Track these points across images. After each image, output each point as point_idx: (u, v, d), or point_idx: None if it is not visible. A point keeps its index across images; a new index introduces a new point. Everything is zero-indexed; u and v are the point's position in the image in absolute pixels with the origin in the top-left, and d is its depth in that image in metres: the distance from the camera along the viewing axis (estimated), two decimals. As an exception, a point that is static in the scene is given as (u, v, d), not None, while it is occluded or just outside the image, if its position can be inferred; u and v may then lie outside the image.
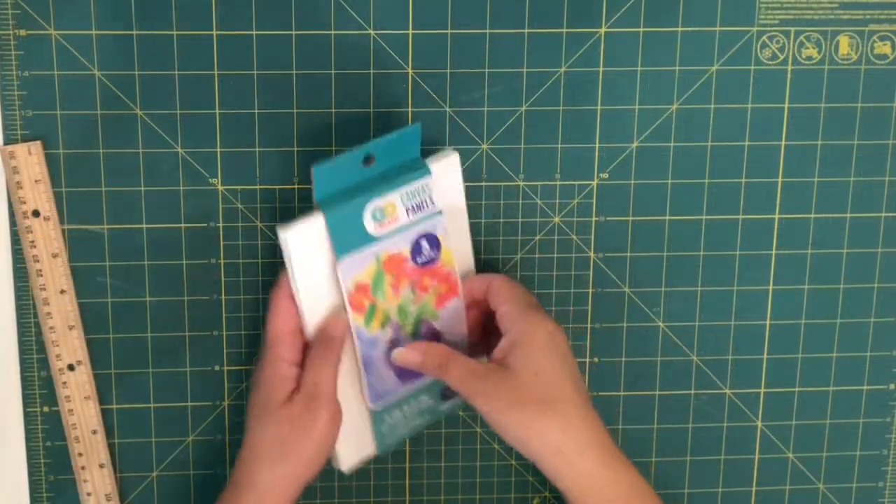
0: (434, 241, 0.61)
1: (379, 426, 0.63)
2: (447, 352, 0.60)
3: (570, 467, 0.57)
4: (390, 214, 0.60)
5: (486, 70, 0.64)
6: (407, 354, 0.60)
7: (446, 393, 0.64)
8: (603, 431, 0.58)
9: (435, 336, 0.63)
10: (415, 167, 0.60)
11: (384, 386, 0.62)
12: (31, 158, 0.63)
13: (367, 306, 0.60)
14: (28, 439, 0.66)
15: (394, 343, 0.61)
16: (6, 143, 0.63)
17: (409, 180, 0.60)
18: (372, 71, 0.64)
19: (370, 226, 0.59)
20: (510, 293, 0.61)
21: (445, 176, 0.61)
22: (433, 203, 0.61)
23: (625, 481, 0.58)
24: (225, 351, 0.67)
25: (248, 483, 0.58)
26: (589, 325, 0.68)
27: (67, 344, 0.65)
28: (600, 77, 0.65)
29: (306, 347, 0.60)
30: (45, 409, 0.66)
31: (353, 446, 0.63)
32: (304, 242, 0.58)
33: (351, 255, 0.59)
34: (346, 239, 0.59)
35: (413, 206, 0.60)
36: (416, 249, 0.61)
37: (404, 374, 0.62)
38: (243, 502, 0.58)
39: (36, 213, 0.63)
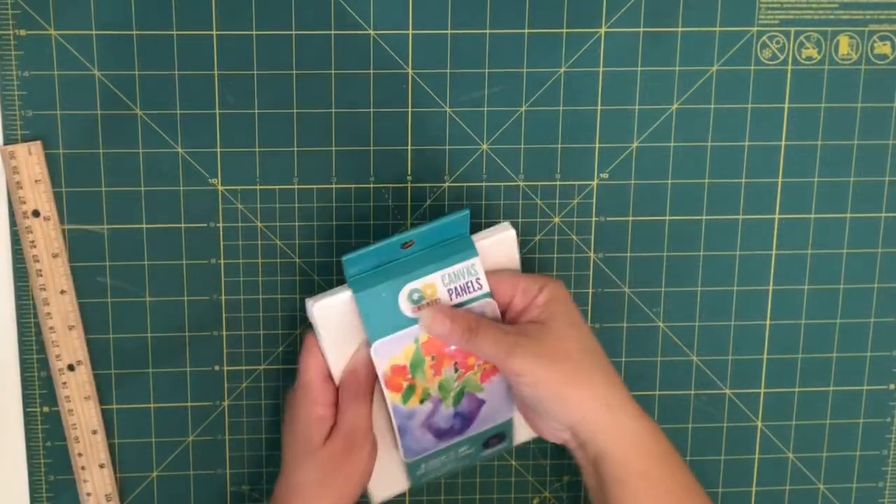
0: None
1: (414, 472, 0.63)
2: (475, 317, 0.58)
3: (615, 422, 0.57)
4: (430, 297, 0.58)
5: (486, 70, 0.64)
6: (433, 323, 0.58)
7: (490, 442, 0.64)
8: (628, 393, 0.59)
9: (478, 405, 0.61)
10: (461, 246, 0.58)
11: (420, 445, 0.62)
12: (31, 158, 0.63)
13: (405, 386, 0.59)
14: (28, 439, 0.66)
15: (434, 413, 0.61)
16: (6, 143, 0.63)
17: (452, 261, 0.58)
18: (372, 71, 0.64)
19: (406, 308, 0.58)
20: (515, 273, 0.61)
21: (498, 252, 0.59)
22: (480, 285, 0.58)
23: (663, 440, 0.58)
24: (225, 351, 0.67)
25: None
26: (589, 325, 0.68)
27: (67, 344, 0.65)
28: (600, 77, 0.65)
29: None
30: (45, 409, 0.66)
31: (385, 484, 0.63)
32: (334, 316, 0.58)
33: (387, 338, 0.58)
34: (381, 321, 0.58)
35: (457, 289, 0.58)
36: None
37: (442, 434, 0.61)
38: None
39: (36, 213, 0.63)
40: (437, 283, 0.58)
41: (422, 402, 0.60)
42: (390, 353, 0.58)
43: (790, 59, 0.66)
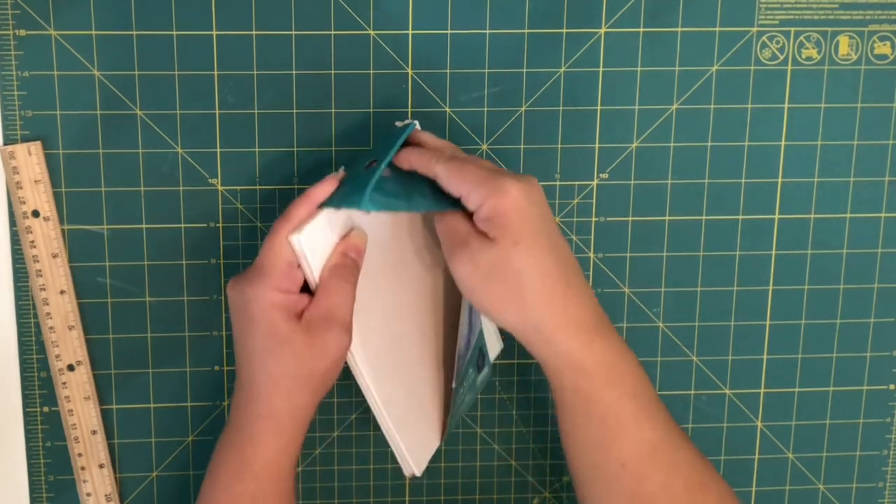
0: None
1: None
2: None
3: (545, 341, 0.54)
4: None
5: (486, 70, 0.64)
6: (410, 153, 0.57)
7: (479, 363, 0.64)
8: (588, 310, 0.54)
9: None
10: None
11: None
12: (30, 158, 0.63)
13: None
14: (28, 439, 0.66)
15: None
16: (6, 143, 0.63)
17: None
18: (372, 71, 0.64)
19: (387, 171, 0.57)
20: (462, 171, 0.55)
21: None
22: None
23: (601, 356, 0.54)
24: (225, 351, 0.67)
25: (262, 412, 0.56)
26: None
27: (67, 344, 0.65)
28: (600, 77, 0.65)
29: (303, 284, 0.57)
30: (45, 409, 0.66)
31: (423, 448, 0.63)
32: (320, 239, 0.56)
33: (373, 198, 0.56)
34: (394, 196, 0.56)
35: None
36: None
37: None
38: (261, 431, 0.56)
39: (36, 214, 0.63)
40: None
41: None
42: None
43: (790, 59, 0.66)
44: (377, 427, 0.68)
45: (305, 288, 0.57)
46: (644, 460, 0.54)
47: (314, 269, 0.56)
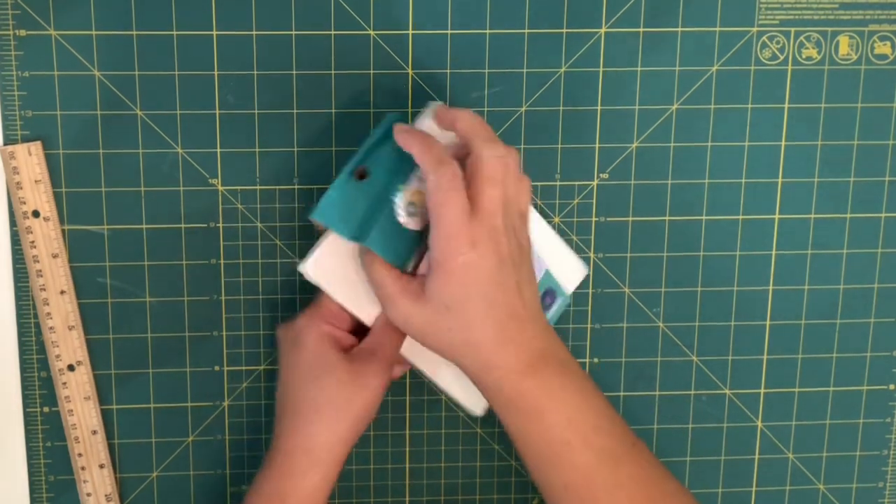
0: None
1: None
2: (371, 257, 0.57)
3: (477, 380, 0.56)
4: (421, 201, 0.57)
5: (486, 70, 0.64)
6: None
7: (546, 301, 0.64)
8: (523, 350, 0.55)
9: None
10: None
11: None
12: (31, 159, 0.63)
13: None
14: (28, 439, 0.66)
15: None
16: (6, 143, 0.63)
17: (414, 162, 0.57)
18: (372, 71, 0.64)
19: (411, 223, 0.57)
20: (443, 205, 0.55)
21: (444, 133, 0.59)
22: None
23: (531, 392, 0.56)
24: (225, 351, 0.67)
25: (300, 445, 0.57)
26: (589, 325, 0.68)
27: (67, 344, 0.65)
28: (600, 77, 0.65)
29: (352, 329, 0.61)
30: (45, 409, 0.66)
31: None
32: (331, 266, 0.58)
33: (411, 261, 0.57)
34: (398, 250, 0.57)
35: None
36: None
37: None
38: (297, 465, 0.57)
39: (36, 214, 0.63)
40: (419, 185, 0.57)
41: None
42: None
43: (790, 59, 0.66)
44: (377, 427, 0.69)
45: (358, 333, 0.61)
46: (582, 484, 0.56)
47: (334, 293, 0.59)
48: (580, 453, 0.55)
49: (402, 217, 0.57)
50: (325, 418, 0.57)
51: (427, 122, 0.59)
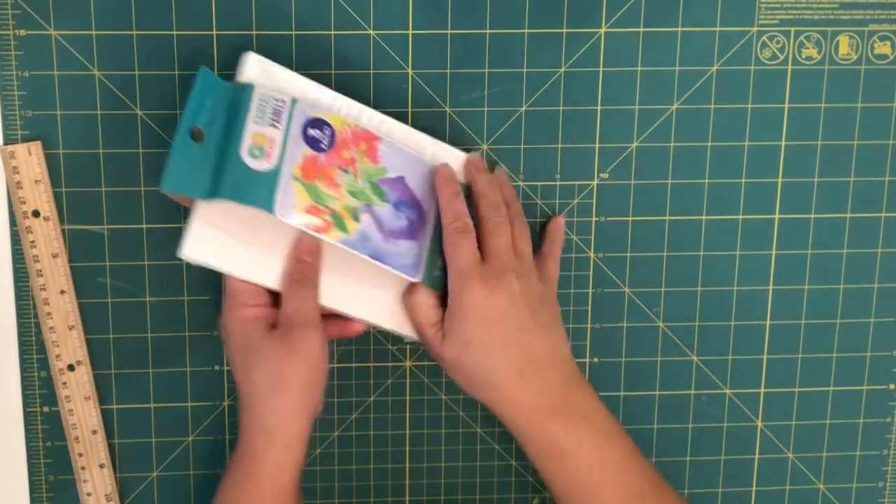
0: (317, 123, 0.59)
1: (432, 282, 0.62)
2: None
3: (505, 422, 0.61)
4: (263, 142, 0.57)
5: (486, 70, 0.64)
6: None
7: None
8: (545, 394, 0.59)
9: (402, 184, 0.61)
10: (237, 94, 0.58)
11: (409, 256, 0.61)
12: (31, 158, 0.63)
13: (329, 218, 0.58)
14: (28, 439, 0.66)
15: (378, 220, 0.60)
16: (6, 143, 0.63)
17: (245, 108, 0.57)
18: (372, 71, 0.64)
19: (261, 165, 0.57)
20: (454, 252, 0.60)
21: (268, 74, 0.59)
22: (283, 99, 0.58)
23: (552, 436, 0.60)
24: (224, 351, 0.67)
25: (256, 426, 0.58)
26: (589, 325, 0.68)
27: (67, 344, 0.65)
28: (600, 77, 0.65)
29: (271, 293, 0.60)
30: (45, 409, 0.66)
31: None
32: (209, 243, 0.58)
33: (275, 200, 0.57)
34: (259, 194, 0.57)
35: (272, 119, 0.58)
36: (312, 143, 0.59)
37: (410, 230, 0.61)
38: (256, 445, 0.58)
39: (36, 214, 0.63)
40: (255, 129, 0.57)
41: (356, 219, 0.59)
42: (290, 208, 0.57)
43: (790, 59, 0.66)
44: (377, 427, 0.69)
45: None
46: None
47: (226, 268, 0.59)
48: (608, 494, 0.60)
49: (251, 162, 0.57)
50: (267, 396, 0.57)
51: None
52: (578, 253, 0.67)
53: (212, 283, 0.65)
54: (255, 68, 0.59)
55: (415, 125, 0.64)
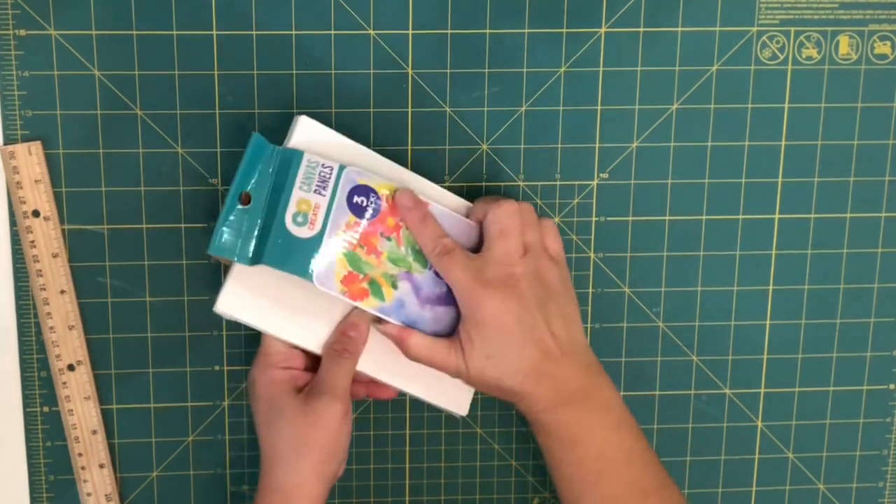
0: (363, 190, 0.59)
1: None
2: (401, 331, 0.60)
3: (524, 413, 0.61)
4: (307, 208, 0.58)
5: (486, 70, 0.64)
6: (384, 329, 0.61)
7: None
8: (561, 386, 0.59)
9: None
10: (286, 159, 0.59)
11: (444, 322, 0.61)
12: (31, 158, 0.63)
13: (366, 286, 0.59)
14: (28, 439, 0.66)
15: (417, 286, 0.60)
16: (6, 143, 0.63)
17: (293, 174, 0.58)
18: (372, 71, 0.64)
19: (304, 232, 0.58)
20: (448, 274, 0.59)
21: (315, 139, 0.59)
22: (331, 166, 0.59)
23: (566, 425, 0.60)
24: (225, 351, 0.67)
25: (273, 486, 0.59)
26: (589, 325, 0.68)
27: (67, 344, 0.65)
28: (600, 77, 0.65)
29: (307, 354, 0.61)
30: (45, 409, 0.66)
31: (458, 393, 0.64)
32: (245, 300, 0.59)
33: (313, 268, 0.58)
34: (298, 261, 0.58)
35: (318, 186, 0.58)
36: (356, 210, 0.59)
37: (445, 298, 0.61)
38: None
39: (36, 213, 0.63)
40: (301, 196, 0.58)
41: (394, 286, 0.60)
42: (329, 276, 0.58)
43: (790, 59, 0.66)
44: (377, 427, 0.69)
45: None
46: None
47: (258, 324, 0.60)
48: (611, 484, 0.60)
49: (294, 229, 0.58)
50: (287, 461, 0.58)
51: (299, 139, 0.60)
52: (578, 253, 0.67)
53: (212, 283, 0.65)
54: (305, 132, 0.59)
55: (415, 125, 0.64)
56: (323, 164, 0.58)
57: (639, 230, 0.67)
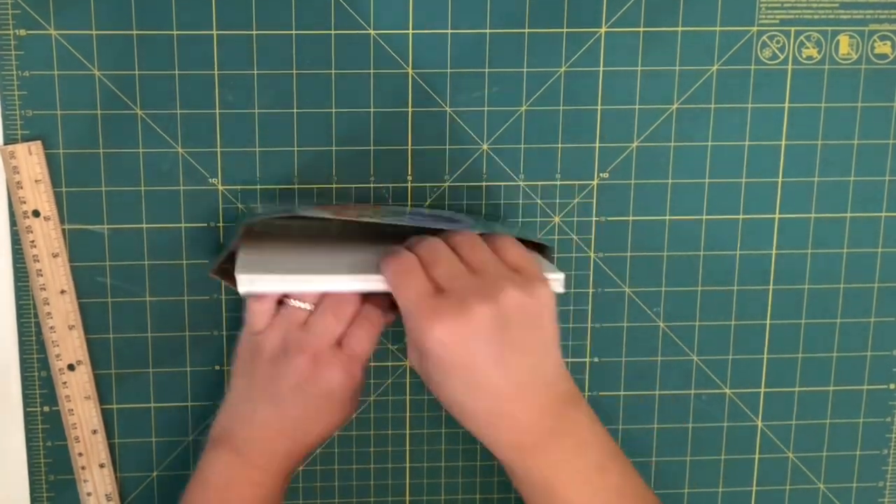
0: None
1: None
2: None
3: (490, 450, 0.56)
4: None
5: (486, 70, 0.64)
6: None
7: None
8: (520, 424, 0.53)
9: None
10: None
11: None
12: (31, 158, 0.63)
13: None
14: (28, 439, 0.66)
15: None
16: (6, 142, 0.63)
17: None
18: (372, 71, 0.64)
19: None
20: (398, 291, 0.54)
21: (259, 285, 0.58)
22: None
23: (531, 471, 0.54)
24: (225, 351, 0.67)
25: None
26: (589, 325, 0.68)
27: (67, 344, 0.65)
28: (600, 77, 0.65)
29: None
30: (45, 409, 0.66)
31: None
32: (261, 275, 0.57)
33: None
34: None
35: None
36: None
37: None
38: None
39: (36, 213, 0.63)
40: None
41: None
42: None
43: (790, 59, 0.66)
44: (377, 427, 0.69)
45: None
46: None
47: (283, 287, 0.57)
48: None
49: None
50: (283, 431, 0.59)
51: None
52: (578, 253, 0.67)
53: (212, 282, 0.65)
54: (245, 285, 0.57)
55: (415, 125, 0.64)
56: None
57: (639, 230, 0.67)
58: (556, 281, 0.56)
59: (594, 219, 0.67)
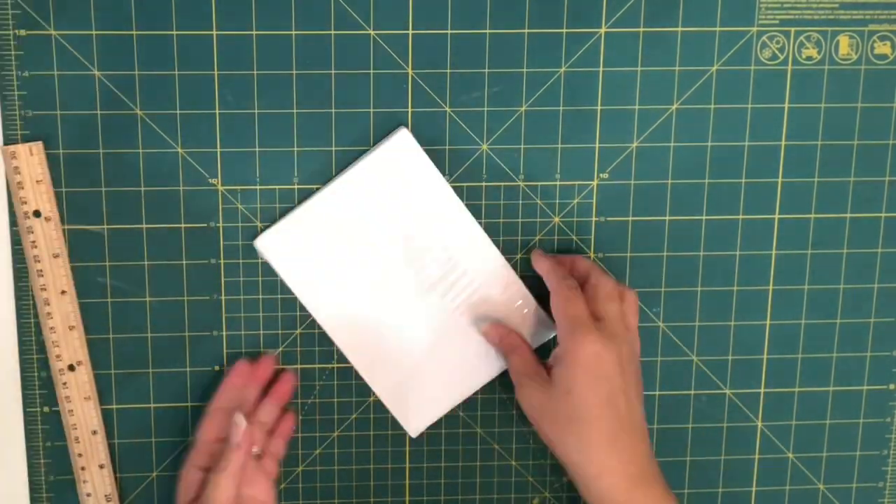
0: None
1: None
2: (516, 341, 0.65)
3: (586, 486, 0.60)
4: None
5: (486, 70, 0.64)
6: (489, 330, 0.66)
7: None
8: (634, 461, 0.59)
9: None
10: None
11: None
12: (32, 159, 0.63)
13: None
14: (28, 439, 0.66)
15: None
16: (7, 143, 0.63)
17: None
18: (372, 71, 0.64)
19: None
20: (561, 311, 0.62)
21: (402, 156, 0.64)
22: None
23: None
24: (225, 351, 0.67)
25: None
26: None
27: (67, 344, 0.65)
28: (600, 77, 0.65)
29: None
30: (45, 409, 0.66)
31: (426, 412, 0.67)
32: (286, 245, 0.62)
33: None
34: None
35: None
36: None
37: None
38: None
39: (37, 214, 0.63)
40: None
41: None
42: None
43: (790, 59, 0.66)
44: (377, 427, 0.69)
45: None
46: None
47: (285, 274, 0.63)
48: None
49: None
50: None
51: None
52: (578, 253, 0.67)
53: (212, 283, 0.65)
54: (397, 145, 0.63)
55: (415, 125, 0.64)
56: None
57: (639, 230, 0.67)
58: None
59: (594, 219, 0.67)
